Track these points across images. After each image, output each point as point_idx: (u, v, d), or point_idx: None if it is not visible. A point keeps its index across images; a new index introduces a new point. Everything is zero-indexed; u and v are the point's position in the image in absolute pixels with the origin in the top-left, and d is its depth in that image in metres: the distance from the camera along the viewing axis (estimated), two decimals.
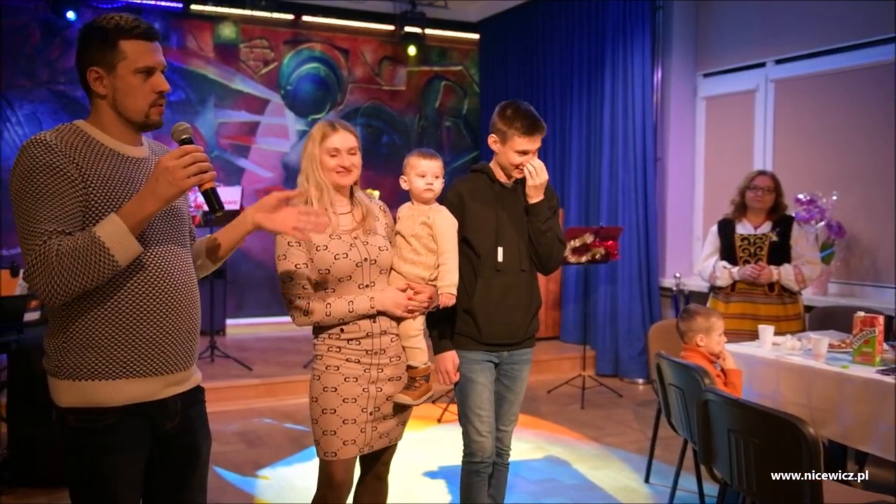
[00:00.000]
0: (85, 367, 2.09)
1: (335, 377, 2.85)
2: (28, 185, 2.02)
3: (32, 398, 4.39)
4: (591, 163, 7.81)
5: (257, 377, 6.48)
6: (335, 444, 2.83)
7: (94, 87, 2.14)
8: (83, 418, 2.11)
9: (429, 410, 6.12)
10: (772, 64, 6.61)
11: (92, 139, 2.13)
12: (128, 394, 2.13)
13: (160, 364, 2.18)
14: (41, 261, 1.97)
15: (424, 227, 3.03)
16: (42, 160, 2.02)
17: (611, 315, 7.52)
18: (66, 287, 1.98)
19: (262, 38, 8.97)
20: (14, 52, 7.87)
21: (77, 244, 1.97)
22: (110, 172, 2.11)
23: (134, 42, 2.12)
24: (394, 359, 2.95)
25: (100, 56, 2.12)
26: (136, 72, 2.12)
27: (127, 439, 2.14)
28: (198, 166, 2.03)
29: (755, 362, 4.05)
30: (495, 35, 9.49)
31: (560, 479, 4.74)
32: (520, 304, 3.31)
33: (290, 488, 4.56)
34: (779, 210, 4.93)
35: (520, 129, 3.18)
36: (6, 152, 7.82)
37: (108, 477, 2.13)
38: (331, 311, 2.81)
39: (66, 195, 2.02)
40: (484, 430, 3.29)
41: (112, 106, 2.15)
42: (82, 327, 2.10)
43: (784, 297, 4.84)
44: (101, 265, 1.98)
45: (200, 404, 2.40)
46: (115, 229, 2.00)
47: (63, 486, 4.37)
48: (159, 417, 2.22)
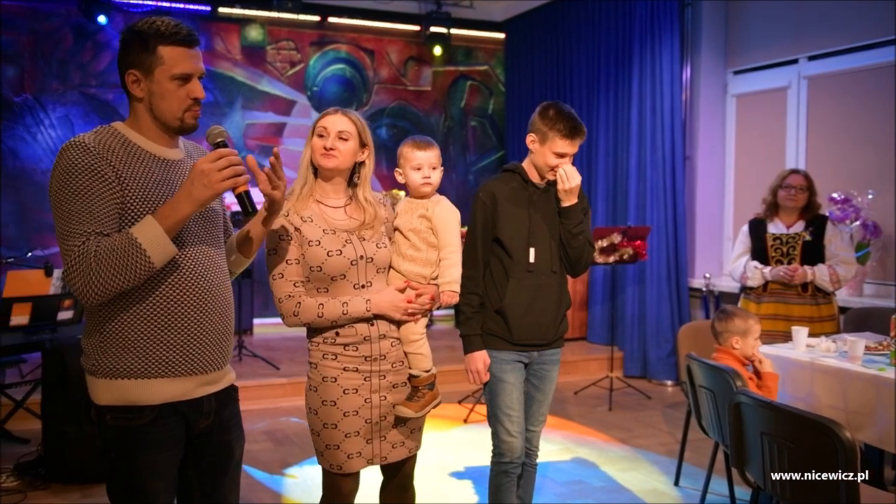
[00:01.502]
0: (121, 367, 2.13)
1: (333, 389, 2.68)
2: (66, 187, 2.04)
3: (66, 396, 4.44)
4: (618, 162, 7.75)
5: (284, 376, 6.50)
6: (339, 457, 2.71)
7: (132, 89, 2.16)
8: (119, 416, 2.14)
9: (455, 411, 6.09)
10: (804, 60, 6.51)
11: (129, 141, 2.16)
12: (162, 393, 2.16)
13: (194, 364, 2.20)
14: (80, 261, 2.00)
15: (423, 220, 2.85)
16: (80, 162, 2.04)
17: (639, 316, 7.45)
18: (104, 287, 2.01)
19: (289, 39, 8.99)
20: (47, 56, 7.97)
21: (114, 245, 2.00)
22: (146, 174, 2.14)
23: (173, 48, 2.14)
24: (396, 364, 2.77)
25: (138, 60, 2.14)
26: (172, 78, 2.14)
27: (162, 438, 2.17)
28: (232, 169, 2.06)
29: (789, 364, 3.98)
30: (521, 34, 9.44)
31: (588, 481, 4.70)
32: (550, 304, 3.28)
33: (318, 487, 4.48)
34: (812, 209, 4.85)
35: (561, 131, 3.15)
36: (39, 154, 7.92)
37: (143, 474, 2.16)
38: (323, 312, 2.63)
39: (104, 197, 2.05)
40: (514, 430, 3.26)
41: (148, 109, 2.17)
42: (118, 327, 2.13)
43: (818, 297, 4.75)
44: (138, 266, 2.01)
45: (234, 403, 2.42)
46: (152, 230, 2.03)
47: (95, 483, 4.48)
48: (193, 416, 2.24)
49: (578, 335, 8.22)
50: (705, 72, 7.26)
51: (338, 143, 2.68)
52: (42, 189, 7.88)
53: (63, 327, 4.75)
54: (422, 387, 2.79)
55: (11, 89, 7.82)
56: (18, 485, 4.45)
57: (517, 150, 9.30)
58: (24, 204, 7.87)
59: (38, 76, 7.94)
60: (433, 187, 2.92)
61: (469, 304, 3.22)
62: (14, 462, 4.66)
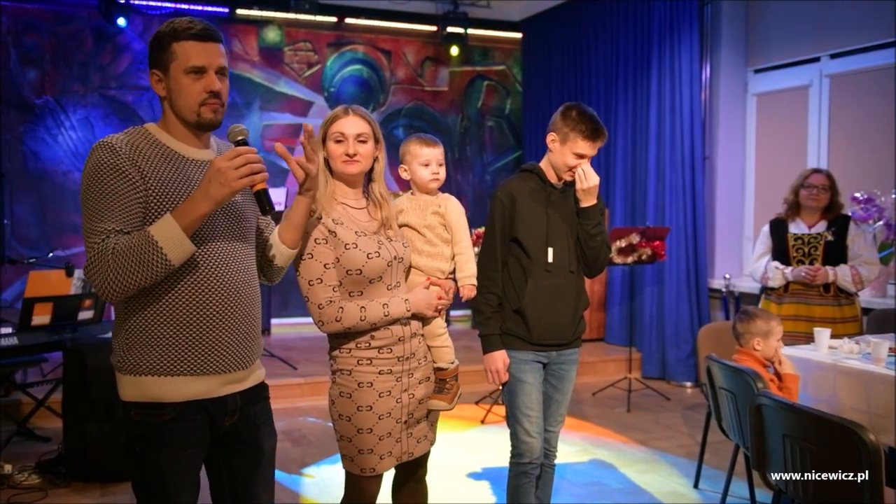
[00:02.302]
0: (144, 363, 2.15)
1: (369, 394, 2.67)
2: (93, 185, 2.07)
3: (86, 395, 4.46)
4: (637, 162, 7.71)
5: (301, 376, 6.50)
6: (372, 461, 2.69)
7: (156, 88, 2.21)
8: (143, 413, 2.17)
9: (472, 412, 6.08)
10: (826, 59, 6.45)
11: (157, 141, 2.19)
12: (185, 391, 2.17)
13: (217, 364, 2.21)
14: (98, 258, 2.03)
15: (437, 217, 2.89)
16: (106, 162, 2.07)
17: (657, 317, 7.40)
18: (121, 284, 2.03)
19: (306, 40, 9.02)
20: (68, 59, 8.05)
21: (132, 242, 2.02)
22: (170, 174, 2.16)
23: (186, 43, 2.16)
24: (422, 361, 2.81)
25: (157, 59, 2.19)
26: (186, 71, 2.16)
27: (184, 435, 2.18)
28: (249, 167, 2.06)
29: (811, 366, 3.93)
30: (538, 34, 9.41)
31: (606, 483, 4.67)
32: (569, 304, 3.27)
33: (335, 487, 4.54)
34: (834, 209, 4.79)
35: (584, 132, 3.13)
36: (60, 156, 7.99)
37: (165, 470, 2.18)
38: (365, 315, 2.61)
39: (128, 196, 2.07)
40: (533, 430, 3.24)
41: (170, 107, 2.21)
42: (141, 324, 2.15)
43: (840, 298, 4.69)
44: (154, 263, 2.02)
45: (264, 401, 2.42)
46: (169, 228, 2.04)
47: (115, 481, 4.52)
48: (218, 414, 2.25)
49: (596, 336, 8.19)
50: (725, 70, 7.20)
51: (358, 148, 2.66)
52: (62, 190, 7.97)
53: (84, 327, 4.78)
54: (449, 378, 2.84)
55: (33, 92, 7.89)
56: (40, 482, 4.49)
57: (534, 150, 9.28)
58: (46, 205, 7.94)
59: (58, 78, 8.02)
60: (440, 183, 2.95)
61: (488, 303, 3.22)
62: (35, 460, 4.69)
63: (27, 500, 4.28)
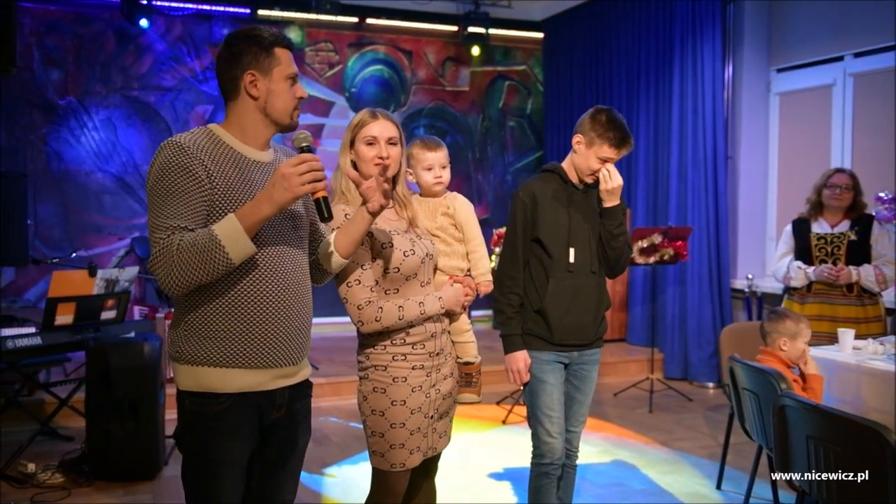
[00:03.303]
0: (201, 354, 2.23)
1: (403, 389, 2.72)
2: (161, 183, 2.15)
3: (109, 394, 4.49)
4: (658, 162, 7.68)
5: (323, 376, 6.52)
6: (402, 456, 2.74)
7: (249, 89, 2.27)
8: (197, 401, 2.25)
9: (493, 412, 6.08)
10: (850, 57, 6.40)
11: (221, 142, 2.27)
12: (238, 382, 2.25)
13: (270, 358, 2.29)
14: (164, 253, 2.10)
15: (446, 218, 2.96)
16: (175, 160, 2.15)
17: (680, 317, 7.37)
18: (184, 279, 2.11)
19: (327, 41, 9.04)
20: (90, 60, 8.11)
21: (196, 240, 2.10)
22: (233, 174, 2.24)
23: (284, 50, 2.31)
24: (448, 356, 2.88)
25: (256, 61, 2.26)
26: (286, 77, 2.29)
27: (234, 426, 2.26)
28: (313, 175, 2.15)
29: (835, 367, 3.90)
30: (560, 33, 9.39)
31: (628, 484, 4.65)
32: (590, 305, 3.27)
33: (356, 487, 4.56)
34: (857, 208, 4.76)
35: (612, 139, 3.13)
36: (82, 156, 8.06)
37: (214, 460, 2.25)
38: (403, 314, 2.67)
39: (193, 194, 2.15)
40: (554, 431, 3.24)
41: (261, 108, 2.29)
42: (201, 318, 2.23)
43: (864, 298, 4.66)
44: (216, 261, 2.10)
45: (306, 398, 2.52)
46: (232, 228, 2.12)
47: (138, 480, 4.55)
48: (266, 407, 2.32)
49: (618, 336, 8.17)
50: (748, 70, 7.16)
51: (390, 150, 2.71)
52: (85, 191, 8.04)
53: (106, 327, 4.81)
54: (475, 373, 2.94)
55: (56, 93, 7.96)
56: (63, 481, 4.52)
57: (556, 150, 9.26)
58: (69, 205, 8.00)
59: (81, 79, 8.08)
60: (444, 186, 3.00)
61: (510, 303, 3.23)
62: (59, 459, 4.72)
63: (51, 499, 4.32)
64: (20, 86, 7.77)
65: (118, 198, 8.19)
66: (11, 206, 6.32)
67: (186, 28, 8.40)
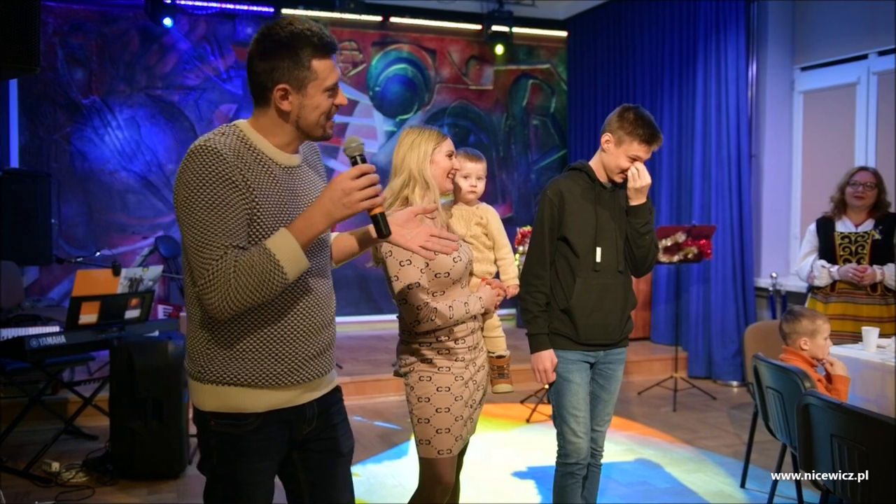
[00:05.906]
0: (229, 374, 2.09)
1: (447, 378, 2.91)
2: (200, 195, 1.95)
3: (133, 393, 4.52)
4: (682, 160, 7.66)
5: (347, 375, 6.54)
6: (449, 440, 2.89)
7: (280, 104, 2.05)
8: (223, 423, 2.11)
9: (518, 411, 6.08)
10: (874, 56, 6.35)
11: (252, 145, 2.07)
12: (268, 401, 2.12)
13: (300, 375, 2.16)
14: (218, 276, 1.94)
15: (479, 227, 3.17)
16: (214, 170, 1.96)
17: (703, 316, 7.34)
18: (240, 303, 1.96)
19: (351, 40, 9.07)
20: (114, 59, 8.17)
21: (253, 261, 1.95)
22: (272, 182, 2.07)
23: (323, 60, 2.05)
24: (481, 350, 3.08)
25: (289, 75, 2.03)
26: (324, 90, 2.07)
27: (265, 446, 2.14)
28: (374, 189, 2.00)
29: (859, 365, 3.88)
30: (583, 32, 9.38)
31: (652, 483, 4.65)
32: (617, 304, 3.27)
33: (381, 486, 4.58)
34: (882, 207, 4.73)
35: (641, 136, 3.13)
36: (106, 156, 8.12)
37: (243, 482, 2.13)
38: (453, 314, 2.87)
39: (236, 206, 1.97)
40: (580, 430, 3.24)
41: (294, 122, 2.09)
42: (226, 336, 2.08)
43: (888, 297, 4.64)
44: (274, 281, 1.96)
45: (339, 403, 2.37)
46: (288, 245, 1.97)
47: (162, 479, 4.57)
48: (296, 423, 2.21)
49: (642, 335, 8.15)
50: (772, 68, 7.12)
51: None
52: (109, 190, 8.10)
53: (130, 326, 4.84)
54: (506, 365, 3.15)
55: (80, 92, 8.03)
56: (87, 480, 4.55)
57: (580, 148, 9.25)
58: (93, 205, 8.07)
59: (105, 79, 8.14)
60: (477, 195, 3.21)
61: (536, 302, 3.24)
62: (83, 458, 4.76)
63: (74, 497, 4.34)
64: (44, 85, 7.86)
65: (142, 197, 8.26)
66: (35, 206, 6.40)
67: (210, 27, 8.46)
